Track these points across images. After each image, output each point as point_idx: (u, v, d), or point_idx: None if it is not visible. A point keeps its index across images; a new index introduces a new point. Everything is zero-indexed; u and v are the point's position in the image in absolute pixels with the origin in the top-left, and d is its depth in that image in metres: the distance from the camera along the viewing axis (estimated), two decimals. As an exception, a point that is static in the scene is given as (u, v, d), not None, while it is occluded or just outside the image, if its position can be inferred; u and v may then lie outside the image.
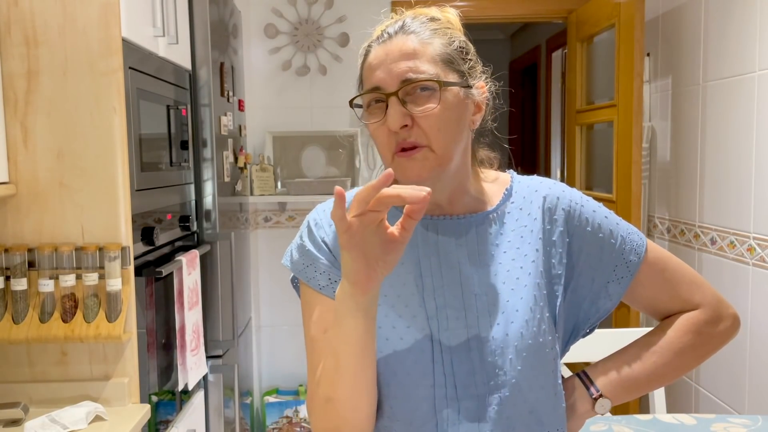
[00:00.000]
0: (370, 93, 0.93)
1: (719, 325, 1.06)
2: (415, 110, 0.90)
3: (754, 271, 2.25)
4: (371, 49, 0.97)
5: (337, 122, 3.36)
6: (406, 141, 0.91)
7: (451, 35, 0.96)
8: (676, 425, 1.56)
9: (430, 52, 0.93)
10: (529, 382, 0.93)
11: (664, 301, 1.06)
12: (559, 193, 1.02)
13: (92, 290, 1.59)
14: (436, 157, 0.92)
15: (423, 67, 0.91)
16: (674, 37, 2.78)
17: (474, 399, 0.92)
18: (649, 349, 1.05)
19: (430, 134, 0.91)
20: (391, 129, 0.91)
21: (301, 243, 1.01)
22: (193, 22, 2.32)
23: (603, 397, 1.02)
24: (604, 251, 1.01)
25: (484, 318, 0.94)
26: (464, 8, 3.63)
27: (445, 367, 0.92)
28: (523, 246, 0.98)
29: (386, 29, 0.97)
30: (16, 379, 1.64)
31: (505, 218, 1.00)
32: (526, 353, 0.93)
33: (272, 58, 3.32)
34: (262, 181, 3.18)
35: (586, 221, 1.01)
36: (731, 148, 2.36)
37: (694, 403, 2.66)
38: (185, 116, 2.19)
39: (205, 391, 2.32)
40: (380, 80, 0.92)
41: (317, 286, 0.97)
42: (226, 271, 2.48)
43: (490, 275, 0.96)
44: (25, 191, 1.61)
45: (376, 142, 0.95)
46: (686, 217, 2.71)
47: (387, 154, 0.94)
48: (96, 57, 1.59)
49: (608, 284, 1.02)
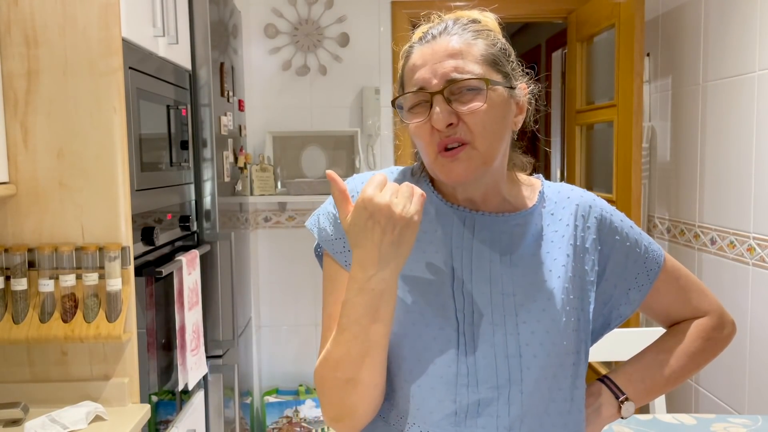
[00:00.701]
0: (415, 94, 0.94)
1: (723, 331, 1.13)
2: (461, 108, 0.91)
3: (754, 271, 2.25)
4: (413, 49, 0.97)
5: (337, 122, 3.36)
6: (450, 138, 0.91)
7: (494, 37, 0.97)
8: (676, 425, 1.56)
9: (475, 52, 0.94)
10: (548, 383, 0.95)
11: (677, 308, 1.12)
12: (591, 201, 1.06)
13: (92, 290, 1.59)
14: (480, 156, 0.92)
15: (468, 67, 0.92)
16: (674, 37, 2.78)
17: (494, 392, 0.93)
18: (666, 354, 1.10)
19: (476, 132, 0.92)
20: (436, 127, 0.91)
21: (334, 213, 1.00)
22: (193, 22, 2.32)
23: (628, 400, 1.06)
24: (629, 259, 1.05)
25: (510, 317, 0.95)
26: (464, 8, 3.63)
27: (468, 358, 0.93)
28: (553, 250, 0.99)
29: (429, 30, 0.97)
30: (16, 379, 1.64)
31: (538, 221, 1.01)
32: (549, 355, 0.94)
33: (272, 58, 3.32)
34: (262, 181, 3.18)
35: (615, 230, 1.05)
36: (731, 148, 2.36)
37: (694, 403, 2.66)
38: (185, 116, 2.19)
39: (205, 391, 2.32)
40: (425, 80, 0.93)
41: (344, 262, 0.97)
42: (226, 271, 2.48)
43: (519, 276, 0.97)
44: (25, 191, 1.61)
45: (418, 141, 0.95)
46: (686, 217, 2.71)
47: (430, 154, 0.94)
48: (96, 57, 1.59)
49: (629, 291, 1.06)
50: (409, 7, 3.25)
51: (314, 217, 1.03)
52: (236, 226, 2.78)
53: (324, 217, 1.01)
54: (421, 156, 0.98)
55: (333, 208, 1.01)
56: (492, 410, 0.93)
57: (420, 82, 0.93)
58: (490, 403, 0.93)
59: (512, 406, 0.93)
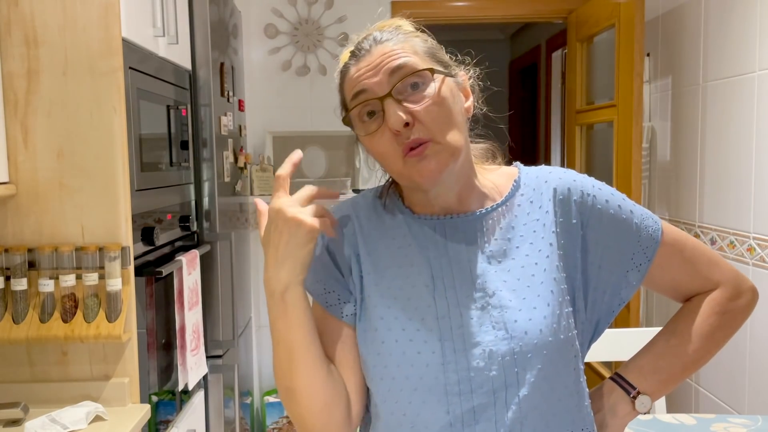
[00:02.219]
0: (364, 104, 0.91)
1: (740, 300, 1.04)
2: (412, 107, 0.89)
3: (754, 271, 2.25)
4: (348, 68, 0.95)
5: (337, 122, 3.34)
6: (410, 140, 0.89)
7: (423, 36, 0.97)
8: (676, 425, 1.56)
9: (407, 47, 0.93)
10: (550, 381, 0.90)
11: (685, 281, 1.04)
12: (570, 183, 0.99)
13: (92, 290, 1.59)
14: (445, 148, 0.90)
15: (405, 60, 0.91)
16: (674, 37, 2.78)
17: (490, 397, 0.90)
18: (678, 338, 1.04)
19: (433, 127, 0.89)
20: (394, 129, 0.88)
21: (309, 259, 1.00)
22: (193, 22, 2.32)
23: (642, 394, 1.01)
24: (621, 241, 0.99)
25: (499, 316, 0.91)
26: (464, 8, 3.64)
27: (459, 365, 0.90)
28: (536, 241, 0.95)
29: (358, 46, 0.95)
30: (16, 379, 1.64)
31: (516, 212, 0.98)
32: (546, 351, 0.90)
33: (272, 58, 3.32)
34: (262, 181, 3.18)
35: (599, 212, 0.98)
36: (731, 148, 2.36)
37: (694, 403, 2.66)
38: (185, 116, 2.19)
39: (205, 391, 2.32)
40: (369, 86, 0.91)
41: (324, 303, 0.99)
42: (226, 271, 2.48)
43: (503, 272, 0.94)
44: (25, 191, 1.61)
45: (379, 154, 0.93)
46: (686, 217, 2.71)
47: (396, 161, 0.91)
48: (96, 57, 1.59)
49: (628, 273, 1.00)
50: (409, 7, 3.25)
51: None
52: (236, 226, 2.78)
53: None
54: (386, 170, 0.96)
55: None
56: (489, 415, 0.89)
57: (361, 87, 0.91)
58: (486, 408, 0.89)
59: (510, 409, 0.89)
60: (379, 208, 1.02)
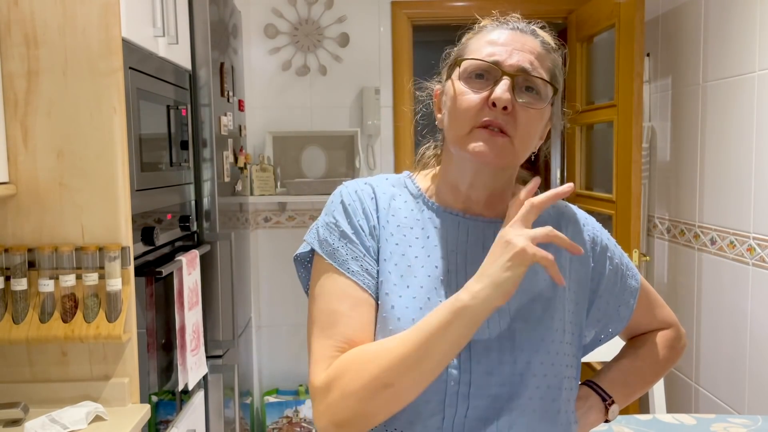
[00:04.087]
0: (488, 65, 0.93)
1: (681, 342, 1.19)
2: (522, 103, 0.92)
3: (754, 271, 2.25)
4: (495, 28, 0.98)
5: (337, 122, 3.36)
6: (496, 121, 0.91)
7: (559, 56, 1.01)
8: (676, 425, 1.56)
9: (548, 62, 0.97)
10: (541, 391, 0.94)
11: (646, 321, 1.16)
12: (584, 219, 1.08)
13: (92, 290, 1.59)
14: (514, 152, 0.93)
15: (541, 70, 0.94)
16: (674, 37, 2.78)
17: (486, 399, 0.91)
18: (641, 361, 1.14)
19: (521, 129, 0.92)
20: (497, 104, 0.90)
21: (334, 222, 0.97)
22: (193, 22, 2.32)
23: (614, 403, 1.07)
24: (618, 276, 1.07)
25: (505, 321, 0.94)
26: (464, 8, 3.64)
27: (462, 364, 0.91)
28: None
29: (512, 21, 0.99)
30: (16, 379, 1.64)
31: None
32: (545, 361, 0.94)
33: (272, 58, 3.32)
34: (262, 181, 3.18)
35: (606, 248, 1.07)
36: (731, 148, 2.36)
37: (694, 403, 2.66)
38: (185, 116, 2.19)
39: (205, 391, 2.32)
40: (501, 57, 0.93)
41: (349, 272, 0.94)
42: (226, 271, 2.48)
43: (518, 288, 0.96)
44: (25, 191, 1.61)
45: (457, 108, 0.93)
46: (686, 217, 2.71)
47: (467, 123, 0.92)
48: (96, 57, 1.59)
49: (619, 308, 1.08)
50: (409, 7, 3.25)
51: (313, 232, 1.00)
52: (236, 226, 2.78)
53: (324, 229, 0.98)
54: (448, 121, 0.95)
55: (333, 218, 0.98)
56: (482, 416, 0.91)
57: (497, 57, 0.93)
58: (482, 410, 0.91)
59: (506, 414, 0.91)
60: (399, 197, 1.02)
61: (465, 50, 0.98)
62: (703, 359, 2.60)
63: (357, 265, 0.95)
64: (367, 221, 0.98)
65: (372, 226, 0.97)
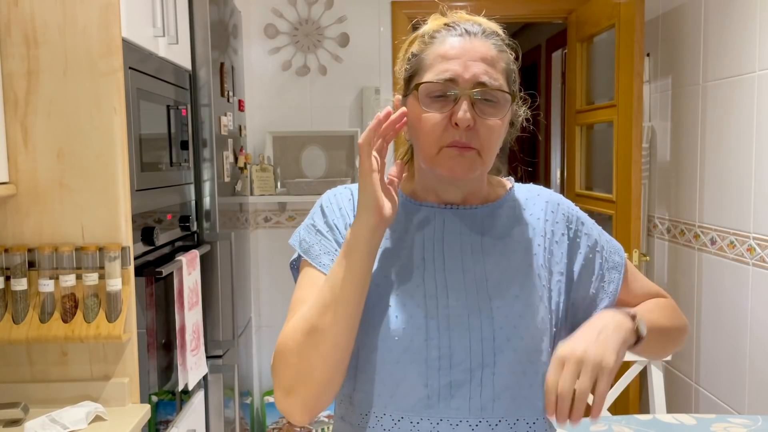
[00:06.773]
0: (443, 84, 0.94)
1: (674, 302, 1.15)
2: (480, 116, 0.94)
3: (754, 271, 2.25)
4: (445, 37, 0.98)
5: (337, 122, 3.36)
6: (461, 140, 0.94)
7: (510, 54, 1.01)
8: (676, 425, 1.56)
9: (502, 64, 0.97)
10: (523, 365, 0.96)
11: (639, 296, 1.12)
12: (558, 199, 1.10)
13: (92, 290, 1.59)
14: (482, 163, 0.97)
15: (497, 77, 0.95)
16: (674, 37, 2.78)
17: (467, 374, 0.95)
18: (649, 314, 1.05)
19: (485, 142, 0.95)
20: (459, 125, 0.93)
21: (312, 223, 1.05)
22: (193, 22, 2.32)
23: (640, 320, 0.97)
24: (596, 254, 1.08)
25: (484, 302, 0.97)
26: (464, 8, 3.63)
27: (441, 342, 0.95)
28: (523, 241, 1.03)
29: (463, 25, 0.99)
30: (16, 379, 1.64)
31: (508, 212, 1.06)
32: (523, 337, 0.96)
33: (272, 58, 3.32)
34: (262, 181, 3.18)
35: (583, 225, 1.09)
36: (731, 148, 2.36)
37: (694, 403, 2.66)
38: (185, 116, 2.19)
39: (205, 391, 2.32)
40: (457, 74, 0.94)
41: (320, 264, 1.01)
42: (226, 271, 2.48)
43: (492, 263, 1.00)
44: (25, 191, 1.61)
45: (422, 129, 0.96)
46: (686, 217, 2.71)
47: (434, 145, 0.95)
48: (96, 57, 1.59)
49: (607, 284, 1.09)
50: (409, 7, 3.25)
51: (296, 235, 1.07)
52: (236, 226, 2.78)
53: (304, 230, 1.06)
54: (416, 142, 1.00)
55: (312, 219, 1.06)
56: (464, 392, 0.95)
57: (451, 74, 0.94)
58: (462, 384, 0.95)
59: (485, 388, 0.95)
60: None
61: (419, 66, 0.99)
62: (703, 359, 2.60)
63: (329, 259, 1.01)
64: (343, 219, 1.04)
65: (347, 224, 1.03)
